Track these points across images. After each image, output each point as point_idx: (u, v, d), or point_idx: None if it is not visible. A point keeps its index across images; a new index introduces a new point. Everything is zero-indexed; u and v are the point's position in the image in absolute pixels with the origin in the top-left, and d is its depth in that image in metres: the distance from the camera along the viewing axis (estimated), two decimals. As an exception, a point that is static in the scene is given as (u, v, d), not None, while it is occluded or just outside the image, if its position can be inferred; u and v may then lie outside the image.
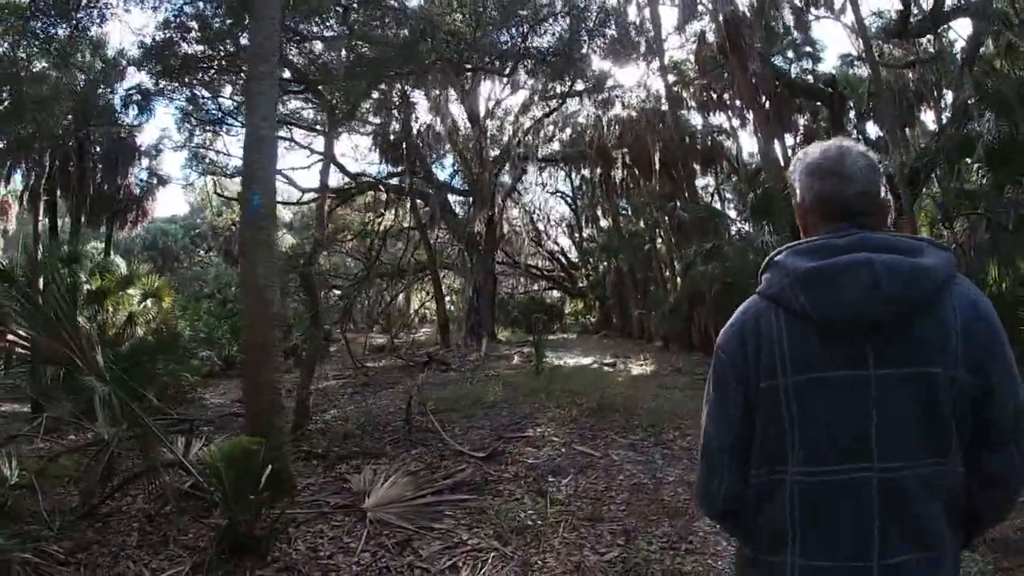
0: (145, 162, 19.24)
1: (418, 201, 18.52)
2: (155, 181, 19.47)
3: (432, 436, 6.07)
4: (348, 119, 12.66)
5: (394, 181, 18.88)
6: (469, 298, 18.61)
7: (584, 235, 27.53)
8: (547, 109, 18.23)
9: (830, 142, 1.17)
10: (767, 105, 14.69)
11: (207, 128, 19.52)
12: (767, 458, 1.10)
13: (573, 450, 5.22)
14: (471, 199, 18.61)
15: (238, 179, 20.81)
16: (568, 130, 22.42)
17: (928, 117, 18.45)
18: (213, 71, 15.42)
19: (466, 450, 5.44)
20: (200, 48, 14.58)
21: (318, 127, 19.08)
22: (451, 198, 20.34)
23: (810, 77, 17.12)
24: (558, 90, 17.22)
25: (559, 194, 29.71)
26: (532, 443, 5.54)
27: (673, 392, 8.08)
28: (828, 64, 16.68)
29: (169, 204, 70.67)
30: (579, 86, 18.94)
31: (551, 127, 23.20)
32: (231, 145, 20.28)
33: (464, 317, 19.07)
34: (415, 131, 18.40)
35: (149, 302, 13.13)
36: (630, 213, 24.47)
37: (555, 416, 6.52)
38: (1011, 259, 7.08)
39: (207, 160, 20.55)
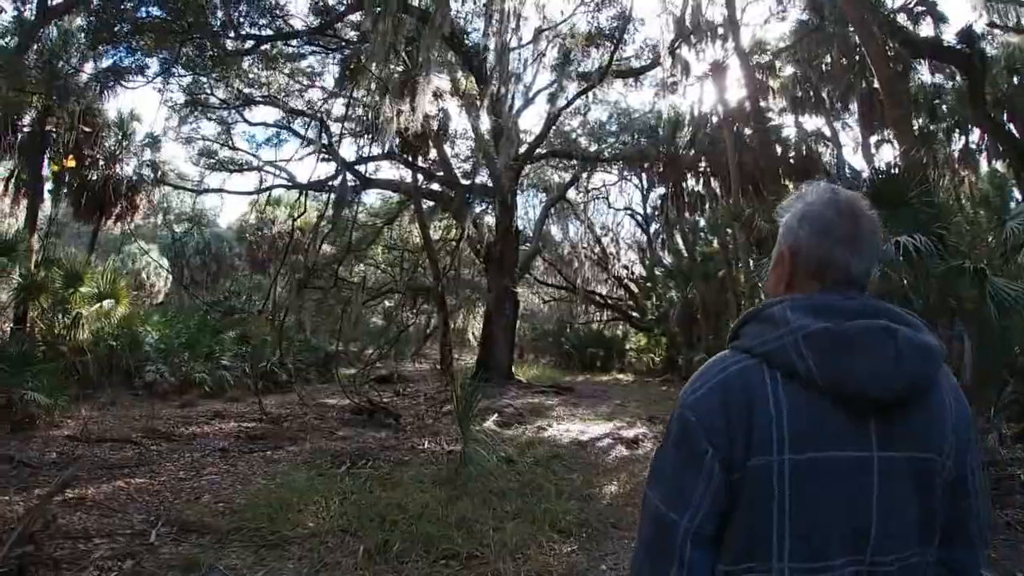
0: (147, 153, 17.13)
1: (428, 203, 15.01)
2: (149, 175, 17.12)
3: None
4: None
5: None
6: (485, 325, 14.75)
7: (659, 258, 23.25)
8: (583, 87, 14.13)
9: (840, 196, 0.98)
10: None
11: (210, 118, 17.25)
12: (744, 552, 0.88)
13: None
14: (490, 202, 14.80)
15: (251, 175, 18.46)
16: (636, 133, 18.52)
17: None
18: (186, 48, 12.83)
19: None
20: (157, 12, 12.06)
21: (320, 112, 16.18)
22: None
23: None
24: (594, 58, 13.08)
25: (628, 211, 25.36)
26: None
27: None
28: (948, 36, 11.66)
29: (234, 208, 69.92)
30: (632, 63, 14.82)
31: (613, 125, 19.21)
32: (241, 139, 18.05)
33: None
34: (434, 113, 15.04)
35: (106, 303, 11.26)
36: (706, 233, 19.99)
37: None
38: None
39: (218, 156, 18.34)
